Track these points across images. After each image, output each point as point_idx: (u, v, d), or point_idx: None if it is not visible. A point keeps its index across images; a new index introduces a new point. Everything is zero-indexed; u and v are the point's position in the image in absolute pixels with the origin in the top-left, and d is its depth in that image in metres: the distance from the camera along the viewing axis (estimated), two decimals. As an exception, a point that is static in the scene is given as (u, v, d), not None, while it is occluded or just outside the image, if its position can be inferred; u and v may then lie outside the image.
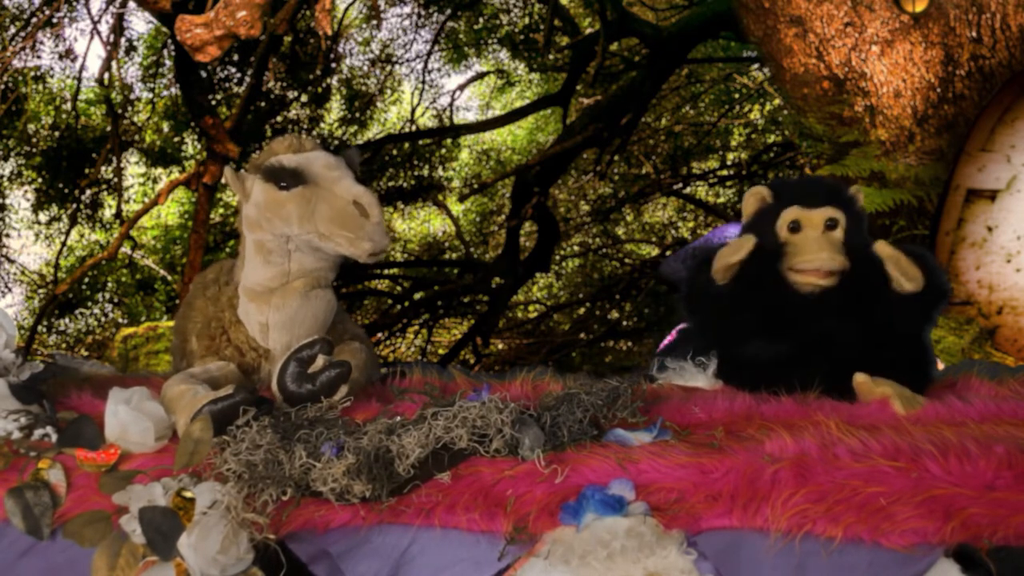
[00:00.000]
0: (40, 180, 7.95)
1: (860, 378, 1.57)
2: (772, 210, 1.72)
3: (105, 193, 8.22)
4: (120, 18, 6.69)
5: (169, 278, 9.15)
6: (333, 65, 8.49)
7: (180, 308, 1.93)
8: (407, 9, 8.88)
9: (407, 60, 9.30)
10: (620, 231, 10.33)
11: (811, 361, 1.62)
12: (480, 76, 10.01)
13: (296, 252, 1.73)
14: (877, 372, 1.58)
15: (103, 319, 9.45)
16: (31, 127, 7.78)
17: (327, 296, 1.79)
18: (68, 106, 7.76)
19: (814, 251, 1.63)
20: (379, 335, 8.32)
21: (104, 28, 6.79)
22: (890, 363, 1.61)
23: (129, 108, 7.97)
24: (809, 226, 1.67)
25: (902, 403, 1.49)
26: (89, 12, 6.81)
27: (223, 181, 5.09)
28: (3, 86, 6.76)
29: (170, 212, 9.86)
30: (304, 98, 8.42)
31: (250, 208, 1.74)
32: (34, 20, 6.69)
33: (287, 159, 1.71)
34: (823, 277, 1.63)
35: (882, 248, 1.61)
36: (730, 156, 9.63)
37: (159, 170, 8.76)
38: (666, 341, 2.41)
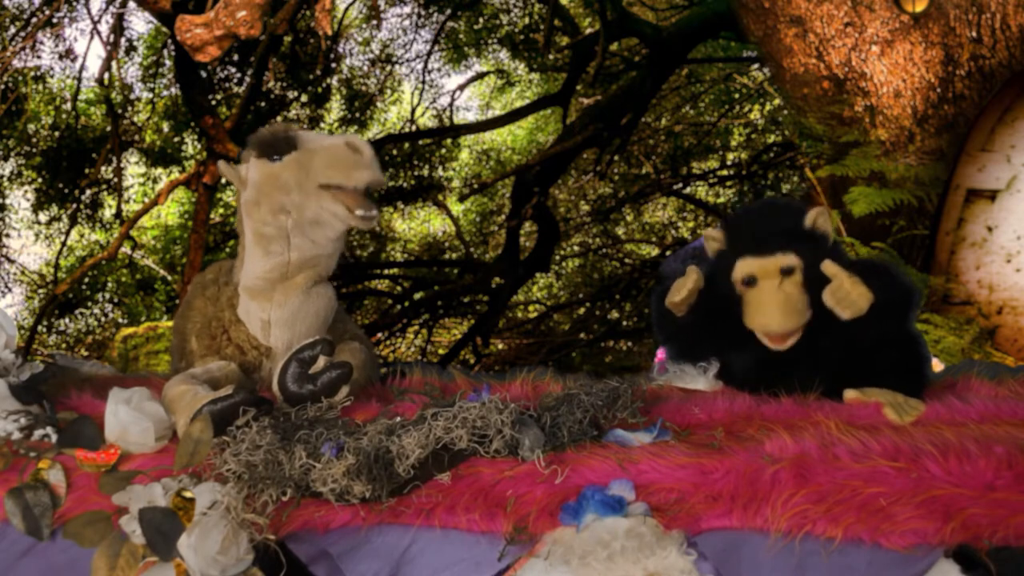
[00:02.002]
0: (40, 180, 7.95)
1: (850, 395, 1.55)
2: (728, 258, 1.66)
3: (105, 193, 8.23)
4: (120, 18, 6.70)
5: (169, 278, 9.15)
6: (333, 65, 8.50)
7: (179, 308, 1.93)
8: (407, 9, 8.89)
9: (407, 60, 9.31)
10: (620, 231, 10.33)
11: (792, 369, 1.59)
12: (480, 76, 10.01)
13: (295, 237, 1.73)
14: (865, 379, 1.57)
15: (103, 319, 9.45)
16: (31, 127, 7.78)
17: (328, 293, 1.79)
18: (68, 106, 7.76)
19: (767, 314, 1.57)
20: (379, 335, 8.33)
21: (104, 28, 6.81)
22: (881, 365, 1.59)
23: (129, 108, 7.98)
24: (764, 277, 1.60)
25: (895, 411, 1.49)
26: (89, 12, 6.83)
27: (223, 181, 5.09)
28: (3, 86, 6.76)
29: (170, 212, 9.86)
30: (304, 98, 8.42)
31: (248, 192, 1.75)
32: (34, 20, 6.69)
33: (277, 130, 1.76)
34: (781, 342, 1.58)
35: (827, 268, 1.53)
36: (730, 156, 9.63)
37: (159, 170, 8.76)
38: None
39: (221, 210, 8.65)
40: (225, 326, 1.79)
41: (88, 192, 7.99)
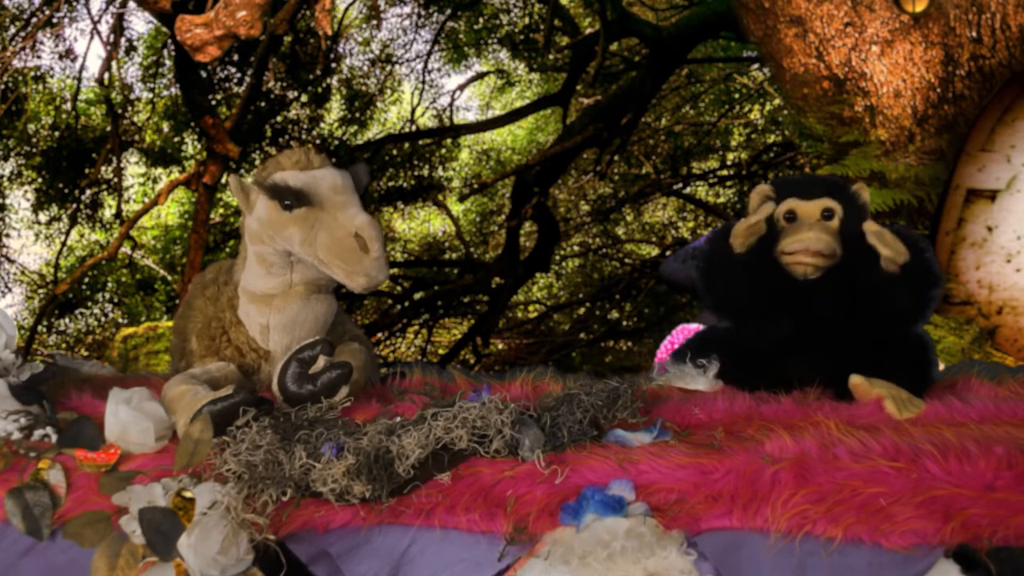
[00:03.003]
0: (40, 180, 7.95)
1: (856, 379, 1.57)
2: (773, 204, 1.75)
3: (105, 193, 8.22)
4: (120, 18, 6.70)
5: (169, 278, 9.14)
6: (333, 65, 8.49)
7: (179, 308, 1.93)
8: (407, 9, 8.89)
9: (407, 60, 9.31)
10: (620, 231, 10.33)
11: (809, 349, 1.64)
12: (480, 76, 10.01)
13: (298, 264, 1.73)
14: (876, 372, 1.58)
15: (103, 319, 9.45)
16: (31, 127, 7.77)
17: (328, 299, 1.79)
18: (68, 106, 7.76)
19: (802, 232, 1.65)
20: (379, 335, 8.33)
21: (104, 28, 6.81)
22: (890, 363, 1.61)
23: (129, 108, 7.97)
24: (805, 215, 1.71)
25: (896, 406, 1.49)
26: (89, 12, 6.83)
27: (224, 181, 5.10)
28: (3, 86, 6.76)
29: (170, 212, 9.86)
30: (304, 98, 8.41)
31: (252, 221, 1.73)
32: (34, 20, 6.69)
33: (293, 178, 1.67)
34: (810, 256, 1.64)
35: (869, 225, 1.64)
36: (730, 156, 9.63)
37: (159, 170, 8.75)
38: (666, 343, 2.41)
39: (221, 210, 8.65)
40: (225, 327, 1.79)
41: (88, 192, 7.99)
